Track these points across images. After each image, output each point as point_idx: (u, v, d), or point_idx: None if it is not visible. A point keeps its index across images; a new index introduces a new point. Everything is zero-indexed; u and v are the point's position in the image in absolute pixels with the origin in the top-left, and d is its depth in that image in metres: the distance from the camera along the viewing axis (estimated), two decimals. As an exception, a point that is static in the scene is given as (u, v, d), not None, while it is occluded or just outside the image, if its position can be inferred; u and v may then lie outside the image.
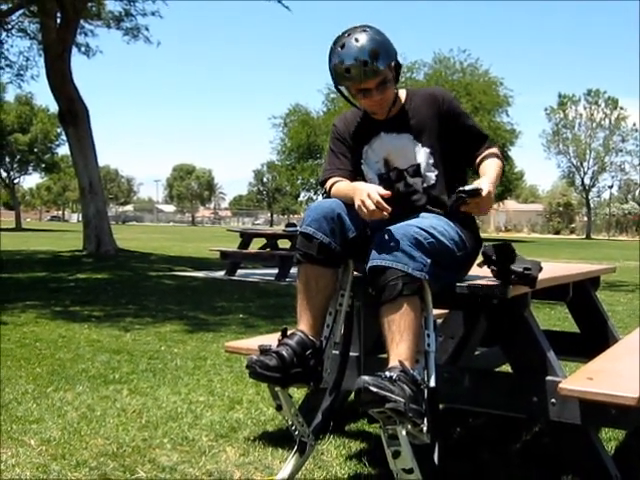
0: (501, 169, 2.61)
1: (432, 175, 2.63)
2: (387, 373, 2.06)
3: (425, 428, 2.08)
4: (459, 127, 2.65)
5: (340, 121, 2.83)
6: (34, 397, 3.59)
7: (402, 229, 2.30)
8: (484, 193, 2.33)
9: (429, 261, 2.28)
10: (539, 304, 7.08)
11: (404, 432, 2.03)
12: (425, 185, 2.61)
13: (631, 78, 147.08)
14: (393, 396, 1.98)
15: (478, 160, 2.66)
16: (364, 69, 2.42)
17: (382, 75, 2.47)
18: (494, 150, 2.68)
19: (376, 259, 2.25)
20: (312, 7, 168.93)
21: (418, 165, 2.62)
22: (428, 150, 2.63)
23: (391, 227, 2.32)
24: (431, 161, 2.63)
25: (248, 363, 2.27)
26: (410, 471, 2.08)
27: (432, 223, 2.40)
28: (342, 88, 2.57)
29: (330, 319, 2.46)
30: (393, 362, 2.14)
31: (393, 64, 2.52)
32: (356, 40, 2.42)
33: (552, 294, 3.11)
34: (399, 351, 2.16)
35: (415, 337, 2.20)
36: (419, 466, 2.07)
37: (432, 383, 2.20)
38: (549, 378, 2.51)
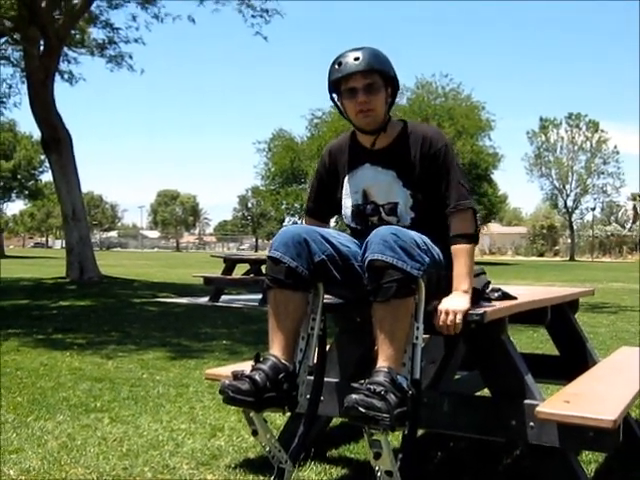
0: (470, 257, 2.54)
1: (408, 217, 2.63)
2: (375, 387, 2.11)
3: (407, 427, 2.19)
4: (438, 175, 2.59)
5: (327, 151, 2.85)
6: (14, 427, 3.56)
7: (400, 229, 2.35)
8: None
9: (427, 259, 2.34)
10: (522, 327, 7.10)
11: (386, 438, 2.12)
12: (400, 225, 2.51)
13: (611, 101, 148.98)
14: (380, 414, 2.05)
15: (450, 233, 2.57)
16: (354, 63, 2.53)
17: (371, 77, 2.55)
18: (464, 227, 2.56)
19: (376, 253, 2.26)
20: (294, 34, 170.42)
21: (396, 204, 2.63)
22: (409, 192, 2.62)
23: (389, 227, 2.36)
24: (410, 204, 2.62)
25: (221, 388, 2.31)
26: (389, 474, 2.16)
27: (422, 237, 2.43)
28: (335, 98, 2.64)
29: (303, 343, 2.50)
30: (381, 364, 2.21)
31: (387, 79, 2.58)
32: (357, 48, 2.59)
33: (530, 318, 3.13)
34: (388, 353, 2.23)
35: (404, 339, 2.27)
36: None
37: (417, 375, 2.28)
38: (527, 402, 2.53)
